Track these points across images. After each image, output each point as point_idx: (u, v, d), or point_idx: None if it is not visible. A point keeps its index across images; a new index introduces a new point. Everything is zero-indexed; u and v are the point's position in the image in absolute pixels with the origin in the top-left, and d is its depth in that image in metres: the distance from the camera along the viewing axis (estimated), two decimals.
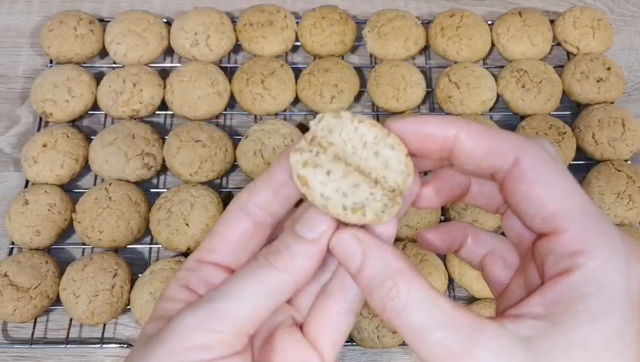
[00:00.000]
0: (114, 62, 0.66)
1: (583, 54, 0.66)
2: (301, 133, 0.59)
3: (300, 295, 0.28)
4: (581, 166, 0.61)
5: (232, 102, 0.65)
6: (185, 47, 0.65)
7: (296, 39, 0.68)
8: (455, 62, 0.66)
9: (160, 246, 0.56)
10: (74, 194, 0.59)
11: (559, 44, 0.69)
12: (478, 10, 0.70)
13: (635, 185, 0.57)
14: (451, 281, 0.56)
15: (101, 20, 0.68)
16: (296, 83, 0.64)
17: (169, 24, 0.68)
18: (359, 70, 0.67)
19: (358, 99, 0.66)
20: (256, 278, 0.24)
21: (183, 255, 0.56)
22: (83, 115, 0.64)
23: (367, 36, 0.67)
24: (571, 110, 0.65)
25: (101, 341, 0.53)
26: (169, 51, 0.68)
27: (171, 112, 0.64)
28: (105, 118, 0.64)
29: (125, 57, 0.65)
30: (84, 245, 0.57)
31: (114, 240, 0.55)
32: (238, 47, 0.68)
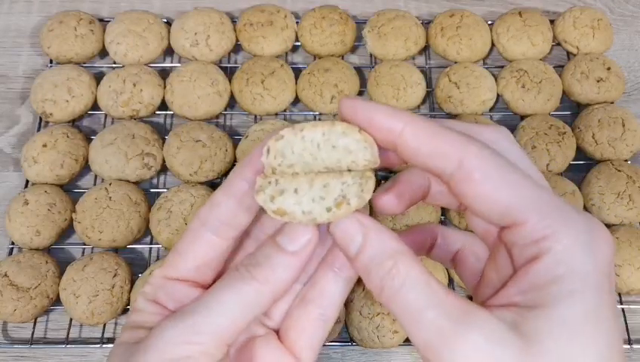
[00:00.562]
0: (114, 62, 0.66)
1: (583, 54, 0.66)
2: None
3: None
4: (581, 166, 0.61)
5: (232, 102, 0.65)
6: (185, 47, 0.65)
7: (296, 39, 0.68)
8: (455, 62, 0.66)
9: (160, 246, 0.56)
10: (74, 194, 0.59)
11: (559, 44, 0.69)
12: (478, 10, 0.70)
13: (635, 185, 0.57)
14: (451, 281, 0.56)
15: (101, 20, 0.68)
16: (296, 83, 0.64)
17: (169, 24, 0.68)
18: (359, 70, 0.67)
19: None
20: (237, 290, 0.24)
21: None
22: (83, 115, 0.64)
23: (367, 36, 0.67)
24: (571, 110, 0.65)
25: (101, 341, 0.53)
26: (169, 51, 0.68)
27: (171, 112, 0.64)
28: (105, 118, 0.64)
29: (125, 57, 0.65)
30: (84, 245, 0.57)
31: (114, 240, 0.55)
32: (238, 47, 0.68)
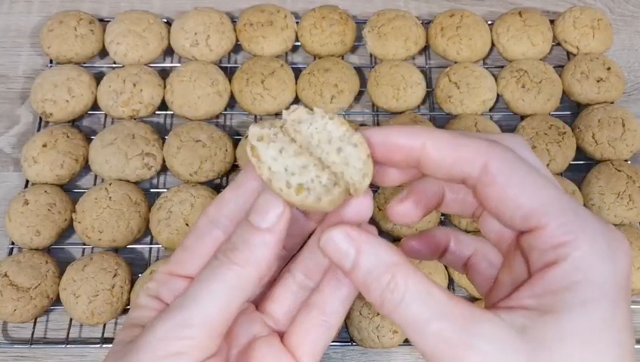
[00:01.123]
0: (114, 62, 0.66)
1: (583, 54, 0.66)
2: None
3: (274, 304, 0.28)
4: (581, 166, 0.61)
5: (232, 102, 0.65)
6: (185, 47, 0.65)
7: (296, 39, 0.68)
8: (455, 62, 0.66)
9: (160, 246, 0.56)
10: (74, 194, 0.59)
11: (559, 44, 0.69)
12: (478, 10, 0.70)
13: (635, 185, 0.57)
14: (451, 281, 0.56)
15: (101, 20, 0.68)
16: (296, 83, 0.64)
17: (169, 24, 0.68)
18: (359, 70, 0.67)
19: (358, 99, 0.66)
20: (220, 278, 0.24)
21: None
22: (83, 115, 0.64)
23: (367, 36, 0.67)
24: (571, 110, 0.65)
25: (101, 341, 0.53)
26: (169, 51, 0.68)
27: (171, 112, 0.64)
28: (105, 118, 0.64)
29: (125, 57, 0.65)
30: (84, 245, 0.57)
31: (114, 240, 0.55)
32: (238, 47, 0.68)
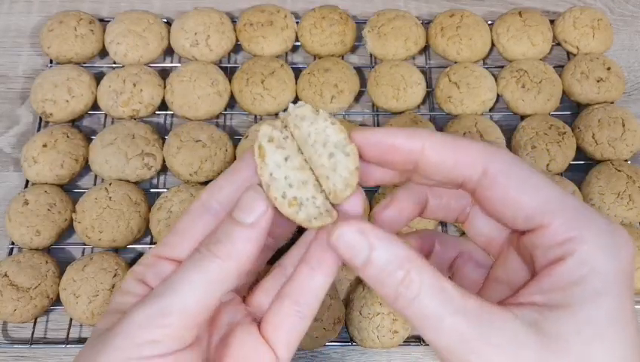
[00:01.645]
0: (114, 62, 0.66)
1: (583, 54, 0.66)
2: None
3: (261, 295, 0.28)
4: (581, 166, 0.61)
5: (232, 102, 0.65)
6: (185, 47, 0.65)
7: (296, 39, 0.68)
8: (455, 62, 0.66)
9: None
10: (74, 194, 0.59)
11: (559, 44, 0.69)
12: (478, 10, 0.70)
13: (635, 185, 0.57)
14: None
15: (101, 20, 0.68)
16: (296, 83, 0.64)
17: (169, 24, 0.68)
18: (359, 70, 0.67)
19: (358, 99, 0.66)
20: (201, 269, 0.24)
21: None
22: (83, 115, 0.64)
23: (367, 36, 0.67)
24: (571, 110, 0.65)
25: None
26: (169, 51, 0.68)
27: (171, 112, 0.64)
28: (105, 118, 0.64)
29: (125, 57, 0.65)
30: (84, 245, 0.57)
31: (114, 240, 0.55)
32: (238, 47, 0.68)
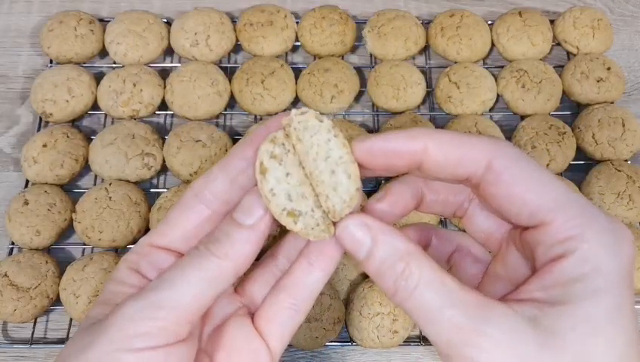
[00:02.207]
0: (114, 62, 0.66)
1: (583, 54, 0.66)
2: None
3: (253, 284, 0.28)
4: (581, 166, 0.61)
5: (232, 102, 0.65)
6: (185, 47, 0.65)
7: (296, 39, 0.68)
8: (455, 62, 0.66)
9: None
10: (74, 194, 0.59)
11: (559, 44, 0.69)
12: (478, 10, 0.70)
13: (635, 185, 0.57)
14: None
15: (101, 20, 0.68)
16: (296, 83, 0.64)
17: (169, 24, 0.68)
18: (359, 70, 0.67)
19: (358, 99, 0.66)
20: (198, 266, 0.24)
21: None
22: (83, 115, 0.64)
23: (367, 36, 0.67)
24: (571, 110, 0.65)
25: None
26: (169, 51, 0.68)
27: (171, 112, 0.64)
28: (105, 118, 0.64)
29: (125, 57, 0.65)
30: (84, 245, 0.57)
31: (114, 240, 0.55)
32: (238, 47, 0.68)
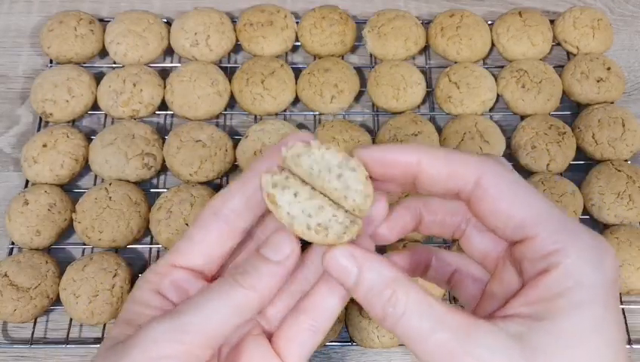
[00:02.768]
0: (114, 62, 0.66)
1: (583, 54, 0.66)
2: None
3: (270, 304, 0.28)
4: (581, 166, 0.61)
5: (232, 102, 0.65)
6: (185, 47, 0.65)
7: (296, 39, 0.68)
8: (455, 62, 0.66)
9: (160, 246, 0.56)
10: (74, 194, 0.59)
11: (559, 44, 0.69)
12: (478, 10, 0.70)
13: (635, 185, 0.57)
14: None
15: (101, 20, 0.68)
16: (296, 83, 0.64)
17: (169, 24, 0.68)
18: (359, 70, 0.67)
19: (358, 99, 0.66)
20: (225, 295, 0.25)
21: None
22: (83, 115, 0.64)
23: (367, 36, 0.67)
24: (571, 110, 0.65)
25: (101, 341, 0.53)
26: (169, 51, 0.68)
27: (171, 112, 0.64)
28: (105, 118, 0.64)
29: (125, 57, 0.65)
30: (84, 245, 0.57)
31: (114, 240, 0.55)
32: (238, 47, 0.68)
